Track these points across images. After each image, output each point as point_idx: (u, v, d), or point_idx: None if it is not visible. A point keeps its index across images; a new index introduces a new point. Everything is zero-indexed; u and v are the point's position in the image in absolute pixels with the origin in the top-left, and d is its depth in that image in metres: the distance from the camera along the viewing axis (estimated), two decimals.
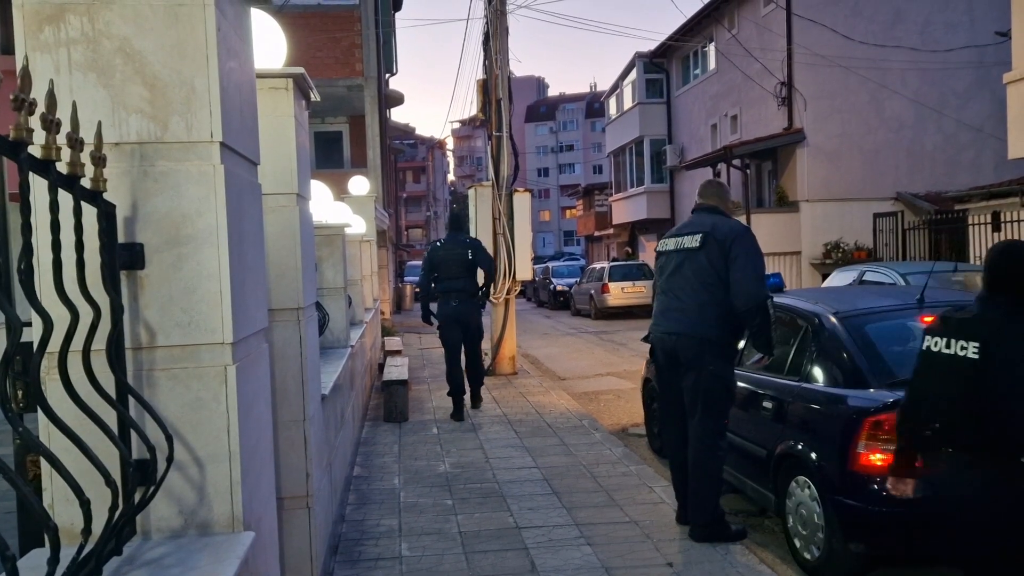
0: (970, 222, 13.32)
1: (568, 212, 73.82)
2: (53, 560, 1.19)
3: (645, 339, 5.10)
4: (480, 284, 8.77)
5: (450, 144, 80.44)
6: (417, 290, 10.98)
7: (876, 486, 3.93)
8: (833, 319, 4.67)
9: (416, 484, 5.97)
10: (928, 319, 4.66)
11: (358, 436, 7.47)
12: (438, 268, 8.55)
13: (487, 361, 11.26)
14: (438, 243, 8.96)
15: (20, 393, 2.65)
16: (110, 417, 1.66)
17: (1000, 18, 16.87)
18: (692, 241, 4.65)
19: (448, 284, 8.48)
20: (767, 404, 4.86)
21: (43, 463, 1.87)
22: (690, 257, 4.65)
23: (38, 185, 1.58)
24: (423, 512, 5.28)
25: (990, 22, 17.58)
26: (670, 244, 4.84)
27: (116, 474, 1.60)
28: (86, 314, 1.59)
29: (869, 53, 17.65)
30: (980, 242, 12.73)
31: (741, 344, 4.93)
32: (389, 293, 20.23)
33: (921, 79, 18.14)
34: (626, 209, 30.69)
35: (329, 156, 19.65)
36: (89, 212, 1.66)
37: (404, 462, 6.66)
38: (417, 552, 4.54)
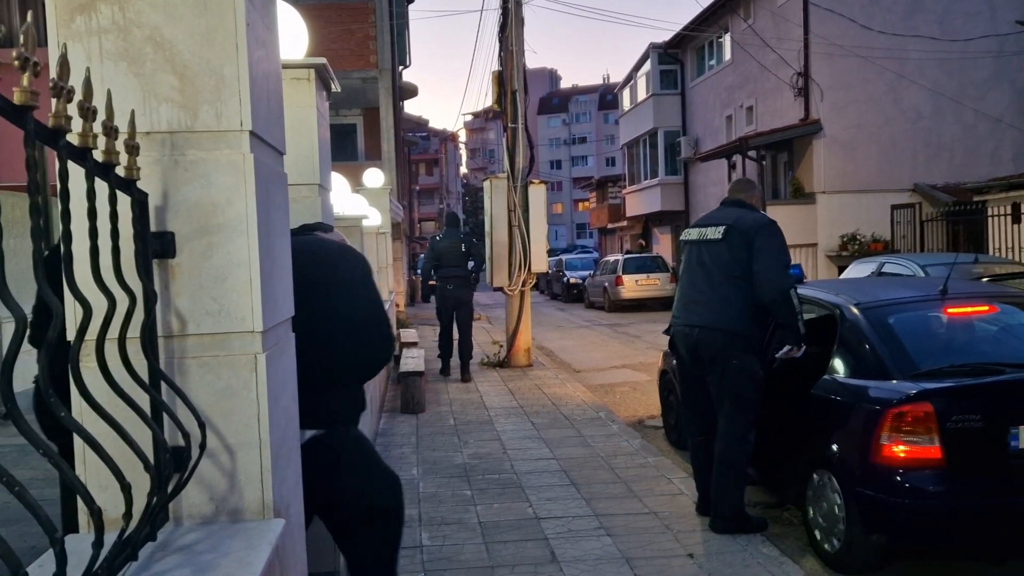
0: (989, 213, 13.17)
1: (581, 205, 73.72)
2: (98, 544, 1.20)
3: (667, 331, 5.07)
4: (471, 271, 10.65)
5: (463, 137, 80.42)
6: (420, 279, 13.08)
7: (899, 478, 3.91)
8: (855, 310, 4.63)
9: (434, 475, 5.99)
10: (953, 310, 4.64)
11: (376, 427, 7.50)
12: (439, 258, 10.36)
13: (503, 353, 11.48)
14: (438, 237, 10.92)
15: None
16: (137, 409, 1.67)
17: (1021, 7, 16.69)
18: (715, 233, 4.63)
19: (446, 271, 10.31)
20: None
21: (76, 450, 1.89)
22: (713, 249, 4.63)
23: (71, 173, 1.59)
24: (442, 502, 5.30)
25: (1010, 11, 17.37)
26: (693, 234, 4.82)
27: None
28: (120, 301, 1.60)
29: (887, 43, 17.48)
30: (1000, 234, 12.60)
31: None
32: (403, 286, 20.28)
33: (939, 69, 17.95)
34: (640, 201, 30.59)
35: (343, 148, 19.67)
36: (123, 201, 1.67)
37: (422, 453, 6.68)
38: (437, 541, 4.56)
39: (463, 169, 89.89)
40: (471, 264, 10.58)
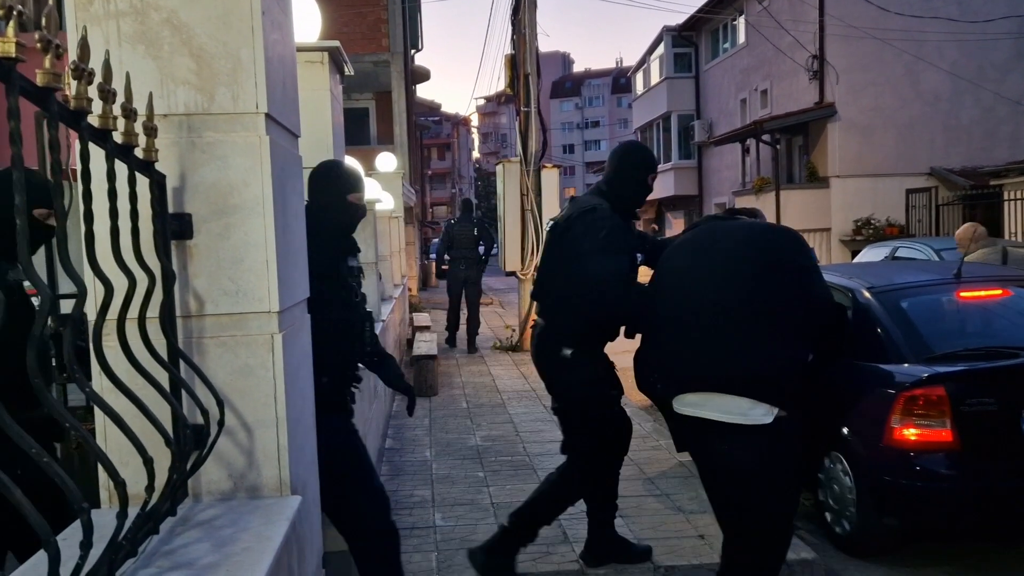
0: (1006, 197, 13.07)
1: None
2: (122, 514, 1.24)
3: None
4: (482, 254, 11.66)
5: (475, 121, 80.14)
6: (433, 261, 13.80)
7: (911, 461, 3.91)
8: (867, 294, 4.62)
9: (447, 456, 6.04)
10: (966, 294, 4.62)
11: (389, 409, 7.56)
12: (452, 241, 11.55)
13: (515, 337, 11.54)
14: (452, 221, 12.33)
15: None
16: (157, 385, 1.70)
17: None
18: None
19: (459, 252, 11.46)
20: None
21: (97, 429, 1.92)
22: None
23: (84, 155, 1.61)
24: (455, 483, 5.34)
25: None
26: None
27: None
28: (140, 282, 1.62)
29: (905, 24, 17.26)
30: (1016, 218, 12.50)
31: None
32: (416, 270, 20.32)
33: (958, 51, 17.72)
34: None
35: (355, 132, 19.63)
36: (141, 182, 1.69)
37: (435, 435, 6.73)
38: (451, 522, 4.61)
39: (475, 153, 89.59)
40: (481, 247, 11.61)
